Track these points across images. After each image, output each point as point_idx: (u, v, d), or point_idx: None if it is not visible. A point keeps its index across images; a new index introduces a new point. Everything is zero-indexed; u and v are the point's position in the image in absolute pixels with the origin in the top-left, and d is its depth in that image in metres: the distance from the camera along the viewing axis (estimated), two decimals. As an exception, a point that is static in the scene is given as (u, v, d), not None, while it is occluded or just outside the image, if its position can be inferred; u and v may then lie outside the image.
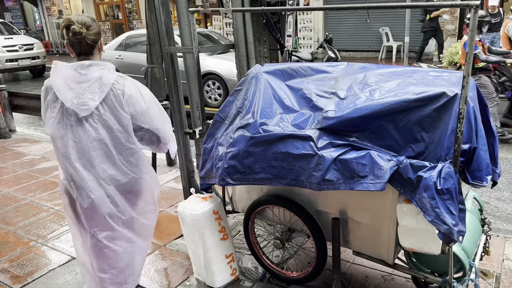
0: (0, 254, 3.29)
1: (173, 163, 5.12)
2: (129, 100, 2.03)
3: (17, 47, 13.00)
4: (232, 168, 2.28)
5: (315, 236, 2.38)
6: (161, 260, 3.13)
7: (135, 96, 2.05)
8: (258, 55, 3.35)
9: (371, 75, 2.27)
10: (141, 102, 2.06)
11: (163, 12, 3.14)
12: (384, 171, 1.91)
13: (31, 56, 13.48)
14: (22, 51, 13.29)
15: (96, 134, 2.02)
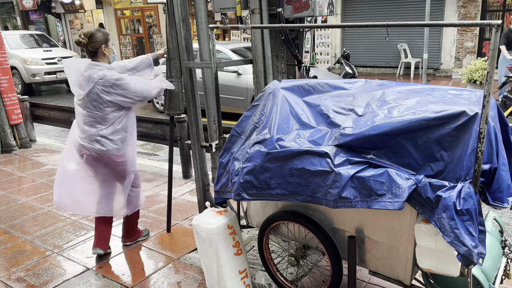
0: (16, 263, 3.33)
1: (189, 176, 5.14)
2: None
3: (56, 59, 12.83)
4: (248, 183, 2.28)
5: (330, 254, 2.35)
6: (174, 273, 3.12)
7: None
8: (275, 71, 3.37)
9: (390, 92, 2.26)
10: None
11: (183, 27, 3.19)
12: (403, 190, 1.88)
13: None
14: (61, 64, 13.02)
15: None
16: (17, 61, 12.47)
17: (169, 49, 3.31)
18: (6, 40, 12.93)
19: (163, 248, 3.49)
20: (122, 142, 3.12)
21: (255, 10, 3.07)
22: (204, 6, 3.24)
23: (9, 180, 5.24)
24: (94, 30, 3.03)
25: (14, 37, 13.57)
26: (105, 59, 3.07)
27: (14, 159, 6.15)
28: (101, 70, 2.98)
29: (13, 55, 12.59)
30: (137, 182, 3.43)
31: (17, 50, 12.90)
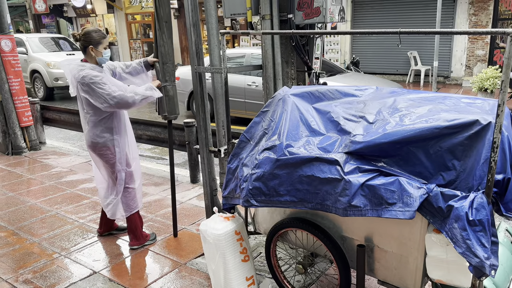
0: (24, 265, 3.34)
1: (197, 180, 5.14)
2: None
3: None
4: (256, 189, 2.26)
5: (339, 262, 2.32)
6: (180, 278, 3.11)
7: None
8: (285, 77, 3.37)
9: (401, 100, 2.24)
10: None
11: (193, 32, 3.20)
12: (414, 199, 1.85)
13: None
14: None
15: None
16: (40, 64, 12.28)
17: (161, 54, 3.32)
18: (28, 43, 12.83)
19: (170, 252, 3.48)
20: (107, 141, 3.25)
21: (265, 16, 3.07)
22: (215, 12, 3.24)
23: (19, 182, 5.27)
24: (92, 30, 3.15)
25: (35, 40, 13.32)
26: (92, 59, 3.16)
27: (23, 161, 6.20)
28: (83, 70, 3.06)
29: (36, 58, 12.44)
30: (130, 182, 3.46)
31: (40, 54, 12.68)
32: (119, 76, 3.47)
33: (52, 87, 12.44)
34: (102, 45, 3.15)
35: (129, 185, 3.45)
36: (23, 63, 12.88)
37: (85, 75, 3.03)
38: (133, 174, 3.49)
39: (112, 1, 19.52)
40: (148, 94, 3.18)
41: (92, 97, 3.05)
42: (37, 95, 12.59)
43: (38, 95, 12.59)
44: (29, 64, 12.61)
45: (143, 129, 6.08)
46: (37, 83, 12.57)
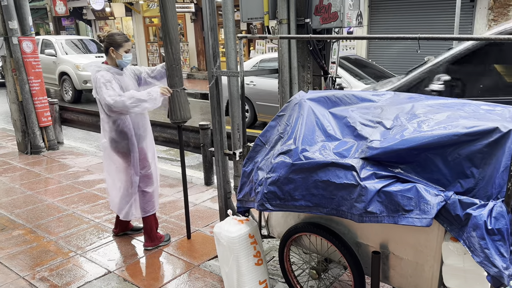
0: (41, 262, 3.40)
1: (211, 183, 5.16)
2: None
3: None
4: (271, 194, 2.26)
5: (353, 269, 2.30)
6: (194, 280, 3.12)
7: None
8: (301, 81, 3.37)
9: (419, 105, 2.21)
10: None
11: (211, 36, 3.23)
12: (431, 206, 1.83)
13: None
14: None
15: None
16: (69, 67, 12.17)
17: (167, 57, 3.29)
18: (58, 45, 12.75)
19: (184, 254, 3.50)
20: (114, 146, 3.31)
21: (283, 21, 3.08)
22: (232, 16, 3.27)
23: (37, 181, 5.37)
24: (115, 32, 3.26)
25: (64, 42, 13.24)
26: (112, 61, 3.26)
27: (42, 160, 6.32)
28: (99, 71, 3.14)
29: (65, 60, 12.36)
30: (146, 185, 3.49)
31: (69, 56, 12.61)
32: (144, 81, 3.51)
33: (81, 90, 12.33)
34: (123, 48, 3.23)
35: (145, 188, 3.48)
36: (52, 65, 12.76)
37: (99, 77, 3.09)
38: (151, 177, 3.52)
39: (130, 4, 19.78)
40: (143, 98, 3.07)
41: (100, 100, 3.14)
42: (65, 98, 12.53)
43: (66, 97, 12.53)
44: (58, 66, 12.58)
45: (159, 131, 6.13)
46: (66, 85, 12.49)
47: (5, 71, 6.49)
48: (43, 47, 13.08)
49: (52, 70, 12.76)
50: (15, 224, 4.11)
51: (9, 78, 6.42)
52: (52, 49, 12.73)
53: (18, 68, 6.27)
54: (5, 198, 4.79)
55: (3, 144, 7.30)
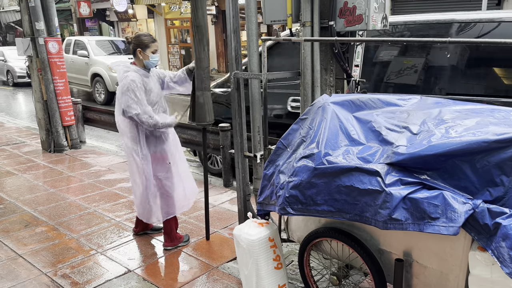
0: (63, 259, 3.45)
1: (229, 184, 5.17)
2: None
3: None
4: (293, 198, 2.24)
5: (375, 276, 2.26)
6: (212, 282, 3.12)
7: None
8: (323, 84, 3.33)
9: (447, 111, 2.16)
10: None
11: (234, 38, 3.23)
12: (458, 215, 1.78)
13: None
14: None
15: None
16: (101, 68, 11.97)
17: (197, 59, 3.30)
18: (90, 46, 12.62)
19: (202, 255, 3.51)
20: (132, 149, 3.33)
21: (306, 23, 3.06)
22: (255, 18, 3.26)
23: (59, 179, 5.47)
24: (143, 33, 3.34)
25: (95, 43, 13.15)
26: (140, 62, 3.32)
27: (64, 159, 6.43)
28: (126, 72, 3.20)
29: (98, 61, 12.21)
30: (165, 190, 3.50)
31: (101, 57, 12.44)
32: (166, 85, 3.55)
33: (114, 91, 12.02)
34: (150, 49, 3.28)
35: (168, 193, 3.50)
36: (84, 66, 12.54)
37: (129, 81, 3.14)
38: (174, 183, 3.53)
39: (153, 7, 20.05)
40: (160, 124, 3.28)
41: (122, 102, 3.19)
42: (97, 100, 12.27)
43: (99, 99, 12.27)
44: (90, 68, 12.37)
45: (179, 132, 6.14)
46: (98, 86, 12.22)
47: (31, 71, 6.64)
48: (75, 48, 13.04)
49: (84, 72, 12.61)
50: (38, 221, 4.20)
51: (35, 77, 6.57)
52: (84, 50, 12.60)
53: (44, 68, 6.41)
54: (28, 195, 4.90)
55: (27, 142, 7.47)
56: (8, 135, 8.08)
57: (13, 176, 5.63)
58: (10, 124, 9.18)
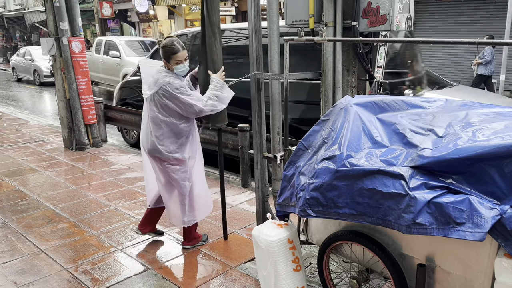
0: (83, 256, 3.51)
1: (248, 185, 5.16)
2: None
3: None
4: (314, 200, 2.22)
5: (396, 281, 2.22)
6: (230, 281, 3.12)
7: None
8: (345, 85, 3.31)
9: (474, 114, 2.11)
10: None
11: (255, 39, 3.23)
12: (485, 220, 1.73)
13: None
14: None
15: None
16: (133, 69, 11.94)
17: (213, 61, 3.26)
18: (122, 47, 12.59)
19: (220, 255, 3.51)
20: (171, 149, 3.24)
21: (329, 23, 3.03)
22: (277, 18, 3.26)
23: (81, 176, 5.57)
24: (167, 43, 3.15)
25: (126, 43, 13.06)
26: (170, 69, 3.20)
27: (86, 157, 6.54)
28: (167, 77, 3.13)
29: (130, 62, 11.99)
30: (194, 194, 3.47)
31: (133, 58, 12.23)
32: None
33: None
34: (173, 60, 3.15)
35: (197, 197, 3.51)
36: (115, 67, 12.41)
37: (171, 82, 3.09)
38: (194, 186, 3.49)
39: (173, 8, 20.24)
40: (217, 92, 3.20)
41: (172, 104, 3.12)
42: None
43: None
44: (122, 68, 12.14)
45: (198, 131, 6.22)
46: None
47: (54, 70, 6.78)
48: (106, 48, 13.06)
49: (115, 72, 12.57)
50: (60, 217, 4.27)
51: (58, 76, 6.70)
52: (115, 50, 12.48)
53: (67, 67, 6.53)
54: (51, 192, 4.99)
55: (50, 140, 7.63)
56: (32, 132, 8.26)
57: (36, 173, 5.75)
58: (33, 122, 9.39)
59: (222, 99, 3.22)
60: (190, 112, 3.16)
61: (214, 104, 3.18)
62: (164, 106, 3.15)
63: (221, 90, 3.22)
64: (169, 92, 3.10)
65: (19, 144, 7.34)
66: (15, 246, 3.70)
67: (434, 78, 8.22)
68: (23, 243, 3.75)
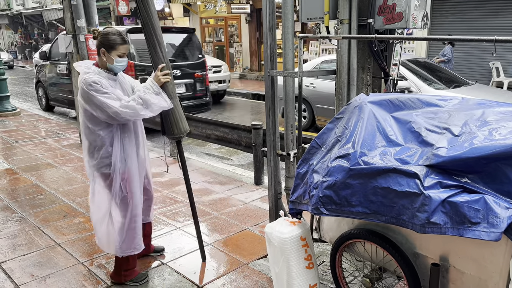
0: (99, 250, 3.55)
1: (260, 182, 5.18)
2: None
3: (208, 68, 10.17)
4: (327, 198, 2.22)
5: (409, 280, 2.20)
6: (243, 278, 3.14)
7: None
8: (360, 83, 3.29)
9: (491, 112, 2.08)
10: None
11: (269, 36, 3.23)
12: (501, 220, 1.71)
13: (218, 80, 11.54)
14: (211, 73, 10.98)
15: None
16: None
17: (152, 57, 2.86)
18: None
19: (233, 251, 3.53)
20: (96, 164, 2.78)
21: (344, 21, 3.02)
22: (291, 16, 3.25)
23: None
24: (113, 32, 2.72)
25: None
26: (102, 64, 2.76)
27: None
28: (86, 74, 2.66)
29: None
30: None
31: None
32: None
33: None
34: (116, 51, 2.71)
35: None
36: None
37: (86, 78, 2.61)
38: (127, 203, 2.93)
39: (188, 5, 20.33)
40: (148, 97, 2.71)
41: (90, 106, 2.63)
42: None
43: None
44: None
45: (212, 129, 6.25)
46: None
47: (72, 67, 6.88)
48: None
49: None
50: (76, 212, 4.35)
51: (75, 73, 6.80)
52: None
53: (84, 64, 6.62)
54: (67, 187, 5.08)
55: (66, 136, 7.76)
56: (49, 128, 8.41)
57: (53, 168, 5.85)
58: (51, 118, 9.56)
59: (150, 105, 2.69)
60: (105, 114, 2.59)
61: (136, 108, 2.63)
62: (85, 110, 2.68)
63: (150, 95, 2.72)
64: (83, 90, 2.61)
65: (37, 140, 7.47)
66: (32, 239, 3.78)
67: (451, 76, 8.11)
68: (40, 236, 3.83)
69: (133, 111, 2.63)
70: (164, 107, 2.79)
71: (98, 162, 2.77)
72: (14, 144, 7.17)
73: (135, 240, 2.95)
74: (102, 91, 2.59)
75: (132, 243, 2.94)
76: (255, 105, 12.13)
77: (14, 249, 3.60)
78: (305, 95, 8.23)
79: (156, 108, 2.73)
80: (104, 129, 2.71)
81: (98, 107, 2.59)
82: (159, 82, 2.80)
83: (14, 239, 3.78)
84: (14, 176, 5.55)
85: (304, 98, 8.30)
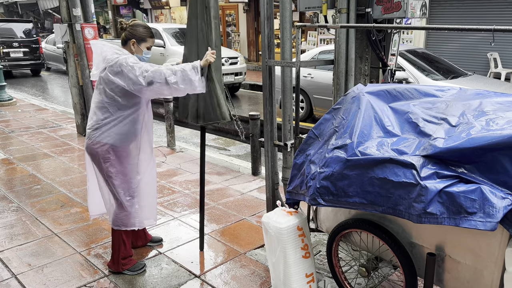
0: (96, 240, 3.57)
1: (258, 173, 5.18)
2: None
3: (224, 59, 10.06)
4: (324, 188, 2.22)
5: (405, 270, 2.22)
6: (239, 267, 3.16)
7: None
8: (358, 73, 3.27)
9: (488, 102, 2.08)
10: None
11: (267, 26, 3.20)
12: (497, 210, 1.72)
13: (234, 72, 11.12)
14: (228, 65, 10.75)
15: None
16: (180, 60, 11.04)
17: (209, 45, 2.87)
18: (165, 35, 11.33)
19: (230, 241, 3.55)
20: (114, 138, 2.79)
21: (342, 10, 2.99)
22: (289, 5, 3.22)
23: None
24: (142, 25, 2.86)
25: (169, 32, 11.69)
26: (132, 52, 2.86)
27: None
28: (118, 54, 2.73)
29: (176, 52, 10.66)
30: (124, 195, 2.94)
31: (177, 47, 10.95)
32: None
33: None
34: (146, 43, 2.87)
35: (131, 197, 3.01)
36: (158, 57, 10.76)
37: (120, 57, 2.69)
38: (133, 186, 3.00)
39: (185, -6, 20.14)
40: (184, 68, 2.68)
41: (122, 79, 2.67)
42: None
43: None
44: (166, 59, 10.60)
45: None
46: None
47: (68, 56, 6.82)
48: None
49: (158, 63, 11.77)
50: (73, 202, 4.35)
51: (71, 63, 6.75)
52: (159, 39, 10.98)
53: (80, 53, 6.57)
54: (64, 177, 5.07)
55: (63, 126, 7.72)
56: (46, 118, 8.37)
57: (49, 158, 5.84)
58: (48, 108, 9.51)
59: (184, 80, 2.64)
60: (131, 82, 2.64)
61: (162, 76, 2.61)
62: (111, 83, 2.71)
63: (191, 71, 2.67)
64: (120, 64, 2.66)
65: (33, 130, 7.44)
66: (29, 229, 3.78)
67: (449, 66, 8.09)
68: (37, 226, 3.83)
69: (155, 79, 2.60)
70: (199, 86, 2.70)
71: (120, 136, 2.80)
72: (10, 134, 7.14)
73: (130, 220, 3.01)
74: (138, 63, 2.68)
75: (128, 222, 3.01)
76: (253, 95, 12.09)
77: (11, 239, 3.60)
78: (303, 86, 8.21)
79: (189, 84, 2.66)
80: (135, 106, 2.79)
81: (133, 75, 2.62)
82: (205, 60, 2.74)
83: (11, 229, 3.78)
84: (10, 166, 5.54)
85: (302, 89, 8.28)
